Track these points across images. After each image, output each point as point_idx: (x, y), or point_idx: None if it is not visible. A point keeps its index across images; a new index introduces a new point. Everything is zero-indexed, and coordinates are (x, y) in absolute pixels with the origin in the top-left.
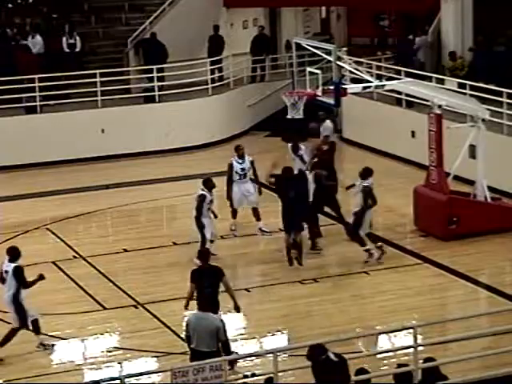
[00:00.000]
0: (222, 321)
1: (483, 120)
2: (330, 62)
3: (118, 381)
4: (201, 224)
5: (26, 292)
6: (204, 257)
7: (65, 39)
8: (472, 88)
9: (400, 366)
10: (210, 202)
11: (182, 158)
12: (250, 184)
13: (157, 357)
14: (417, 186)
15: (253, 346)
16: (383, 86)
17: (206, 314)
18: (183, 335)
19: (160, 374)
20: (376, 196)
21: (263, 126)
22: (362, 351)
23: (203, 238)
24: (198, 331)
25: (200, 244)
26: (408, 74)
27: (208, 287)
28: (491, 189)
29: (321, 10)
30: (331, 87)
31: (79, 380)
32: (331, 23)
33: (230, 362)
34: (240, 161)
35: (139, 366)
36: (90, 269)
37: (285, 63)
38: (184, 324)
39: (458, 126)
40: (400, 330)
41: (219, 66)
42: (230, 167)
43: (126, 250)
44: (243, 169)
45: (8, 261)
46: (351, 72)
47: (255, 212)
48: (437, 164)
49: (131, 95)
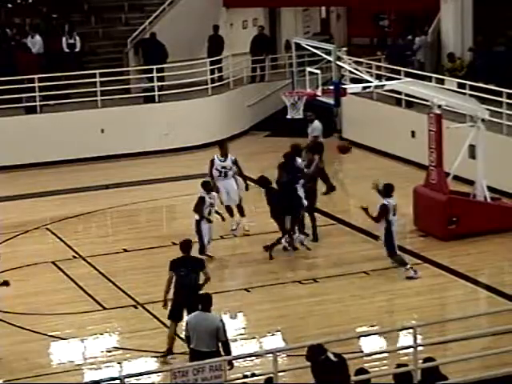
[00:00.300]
0: (221, 321)
1: (483, 120)
2: (329, 62)
3: (118, 381)
4: (200, 229)
5: None
6: (185, 247)
7: (64, 39)
8: (472, 88)
9: (400, 366)
10: (210, 204)
11: (181, 158)
12: (231, 181)
13: (156, 357)
14: (416, 186)
15: (252, 346)
16: (383, 86)
17: (206, 314)
18: (183, 335)
19: (160, 373)
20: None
21: (263, 126)
22: (362, 351)
23: (202, 244)
24: (197, 331)
25: (199, 250)
26: (407, 74)
27: (187, 275)
28: (491, 189)
29: (320, 10)
30: (331, 87)
31: (79, 380)
32: (331, 23)
33: (230, 362)
34: (222, 158)
35: (139, 366)
36: (90, 269)
37: (284, 63)
38: (183, 324)
39: (457, 126)
40: (400, 330)
41: (219, 66)
42: (211, 163)
43: (125, 250)
44: (224, 167)
45: None
46: (351, 72)
47: (239, 208)
48: (436, 164)
49: (131, 95)
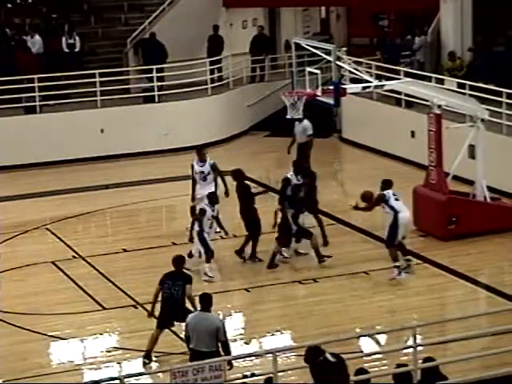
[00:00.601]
0: (221, 321)
1: (482, 120)
2: (329, 62)
3: (118, 381)
4: (203, 239)
5: None
6: (176, 263)
7: (64, 39)
8: (471, 88)
9: (399, 366)
10: (212, 217)
11: (181, 158)
12: (211, 186)
13: (156, 357)
14: (416, 186)
15: (252, 345)
16: (383, 85)
17: (205, 314)
18: (182, 335)
19: (159, 373)
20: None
21: (263, 126)
22: (361, 351)
23: (207, 253)
24: (197, 331)
25: (205, 259)
26: (407, 74)
27: (169, 288)
28: (490, 189)
29: (320, 10)
30: (331, 87)
31: (78, 380)
32: (331, 23)
33: (229, 362)
34: (200, 164)
35: (138, 366)
36: (90, 269)
37: (284, 63)
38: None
39: (457, 126)
40: (400, 330)
41: (219, 66)
42: (192, 168)
43: (125, 250)
44: (202, 172)
45: None
46: (351, 72)
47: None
48: (436, 164)
49: (131, 95)
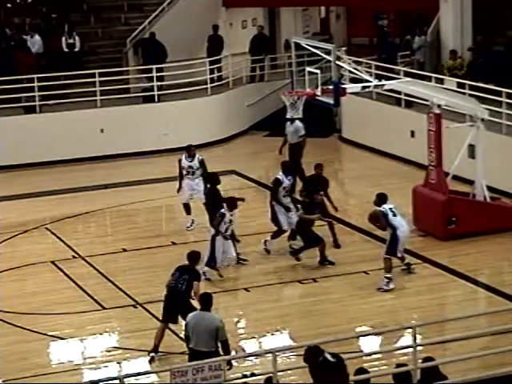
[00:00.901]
0: (221, 321)
1: (482, 120)
2: (329, 61)
3: (117, 381)
4: (213, 243)
5: None
6: (190, 258)
7: (64, 39)
8: (471, 88)
9: (399, 365)
10: (230, 221)
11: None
12: (198, 181)
13: (156, 356)
14: (416, 186)
15: (252, 345)
16: (382, 85)
17: (205, 313)
18: (182, 335)
19: (159, 373)
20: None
21: (262, 126)
22: (361, 351)
23: (211, 257)
24: (197, 331)
25: (206, 262)
26: (407, 74)
27: (176, 279)
28: (490, 188)
29: (320, 10)
30: (330, 87)
31: (78, 380)
32: (330, 23)
33: (229, 362)
34: (189, 159)
35: (138, 366)
36: (89, 268)
37: (284, 63)
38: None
39: (457, 126)
40: (399, 330)
41: (218, 65)
42: (179, 163)
43: (124, 250)
44: (191, 166)
45: None
46: (350, 72)
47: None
48: (436, 164)
49: (130, 95)
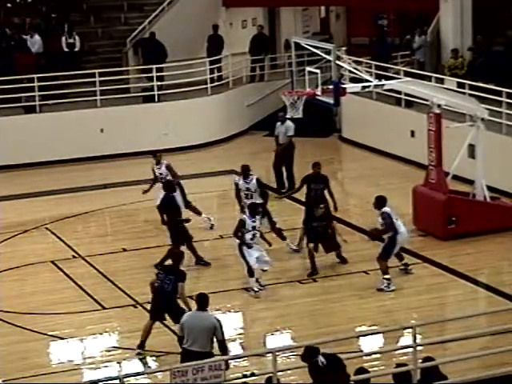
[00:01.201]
0: (218, 320)
1: (482, 119)
2: (329, 61)
3: (117, 380)
4: (242, 253)
5: None
6: (174, 258)
7: (64, 39)
8: (471, 87)
9: (399, 365)
10: (253, 228)
11: (181, 158)
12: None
13: (156, 356)
14: (416, 186)
15: (252, 345)
16: (382, 85)
17: (202, 313)
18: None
19: (159, 373)
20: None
21: (262, 126)
22: (361, 351)
23: (247, 267)
24: (194, 331)
25: (247, 271)
26: (407, 74)
27: (162, 280)
28: (490, 188)
29: (320, 10)
30: (330, 87)
31: (78, 380)
32: (330, 23)
33: (226, 362)
34: (157, 166)
35: (138, 366)
36: (89, 268)
37: (284, 63)
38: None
39: (457, 126)
40: (399, 330)
41: (218, 65)
42: (153, 172)
43: (124, 250)
44: (161, 173)
45: None
46: (350, 71)
47: (191, 209)
48: (436, 163)
49: (130, 95)
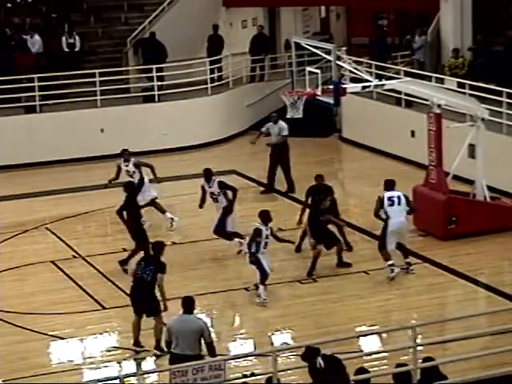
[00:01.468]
0: (205, 322)
1: (482, 119)
2: (329, 61)
3: (117, 380)
4: (259, 261)
5: None
6: (155, 248)
7: (64, 39)
8: (471, 87)
9: (399, 365)
10: (266, 236)
11: (181, 158)
12: (138, 184)
13: (156, 356)
14: (416, 186)
15: (252, 345)
16: (382, 85)
17: (188, 316)
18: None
19: (159, 373)
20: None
21: (262, 126)
22: (361, 351)
23: (263, 274)
24: (182, 335)
25: (260, 280)
26: (407, 74)
27: (143, 269)
28: (490, 188)
29: (320, 10)
30: (331, 87)
31: (78, 379)
32: (330, 23)
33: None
34: (125, 163)
35: (138, 366)
36: (89, 268)
37: (284, 63)
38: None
39: (457, 126)
40: (399, 330)
41: (218, 65)
42: (118, 169)
43: (125, 250)
44: (128, 171)
45: None
46: (350, 71)
47: (155, 206)
48: (436, 163)
49: (130, 95)
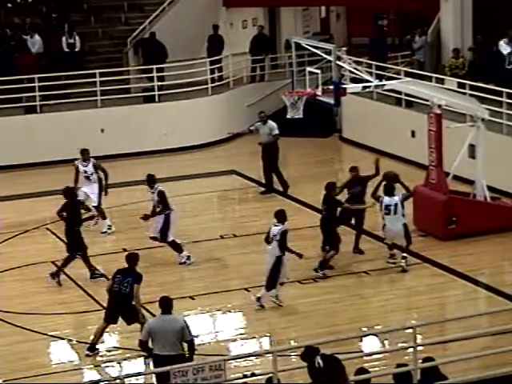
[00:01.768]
0: (185, 321)
1: (483, 120)
2: (329, 61)
3: (118, 380)
4: (279, 265)
5: None
6: (129, 259)
7: (64, 39)
8: (472, 88)
9: (399, 365)
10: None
11: (181, 158)
12: (94, 185)
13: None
14: (416, 186)
15: (253, 345)
16: (383, 85)
17: (167, 316)
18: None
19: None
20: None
21: None
22: (361, 351)
23: (276, 280)
24: (163, 335)
25: (268, 286)
26: (407, 74)
27: (119, 282)
28: (490, 188)
29: (320, 10)
30: (331, 87)
31: (78, 380)
32: (331, 23)
33: (191, 358)
34: (84, 163)
35: (138, 366)
36: None
37: (284, 63)
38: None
39: (457, 126)
40: (399, 330)
41: (219, 65)
42: (76, 169)
43: (125, 250)
44: (86, 171)
45: None
46: (351, 72)
47: (98, 211)
48: (436, 164)
49: (131, 95)
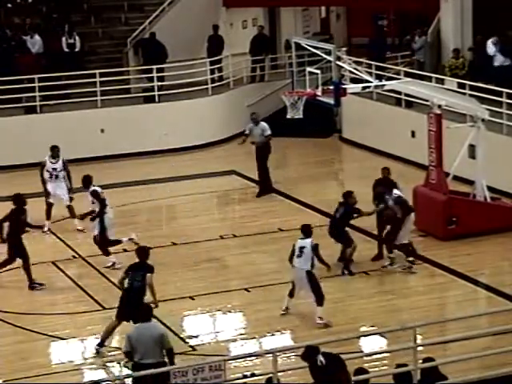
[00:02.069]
0: (163, 328)
1: (483, 120)
2: (329, 61)
3: (118, 381)
4: (315, 280)
5: None
6: (140, 254)
7: (64, 39)
8: (471, 88)
9: (399, 365)
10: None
11: (181, 158)
12: (61, 184)
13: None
14: (416, 186)
15: (253, 345)
16: (383, 85)
17: (147, 324)
18: (182, 335)
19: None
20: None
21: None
22: (361, 351)
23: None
24: (143, 342)
25: (317, 302)
26: (407, 74)
27: (133, 276)
28: (490, 189)
29: (320, 10)
30: (331, 87)
31: (78, 380)
32: (331, 23)
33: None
34: (53, 160)
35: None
36: (90, 269)
37: (284, 63)
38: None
39: (457, 126)
40: (399, 330)
41: (219, 65)
42: (42, 166)
43: (125, 250)
44: (55, 169)
45: None
46: (351, 72)
47: (69, 210)
48: (436, 164)
49: (131, 95)
